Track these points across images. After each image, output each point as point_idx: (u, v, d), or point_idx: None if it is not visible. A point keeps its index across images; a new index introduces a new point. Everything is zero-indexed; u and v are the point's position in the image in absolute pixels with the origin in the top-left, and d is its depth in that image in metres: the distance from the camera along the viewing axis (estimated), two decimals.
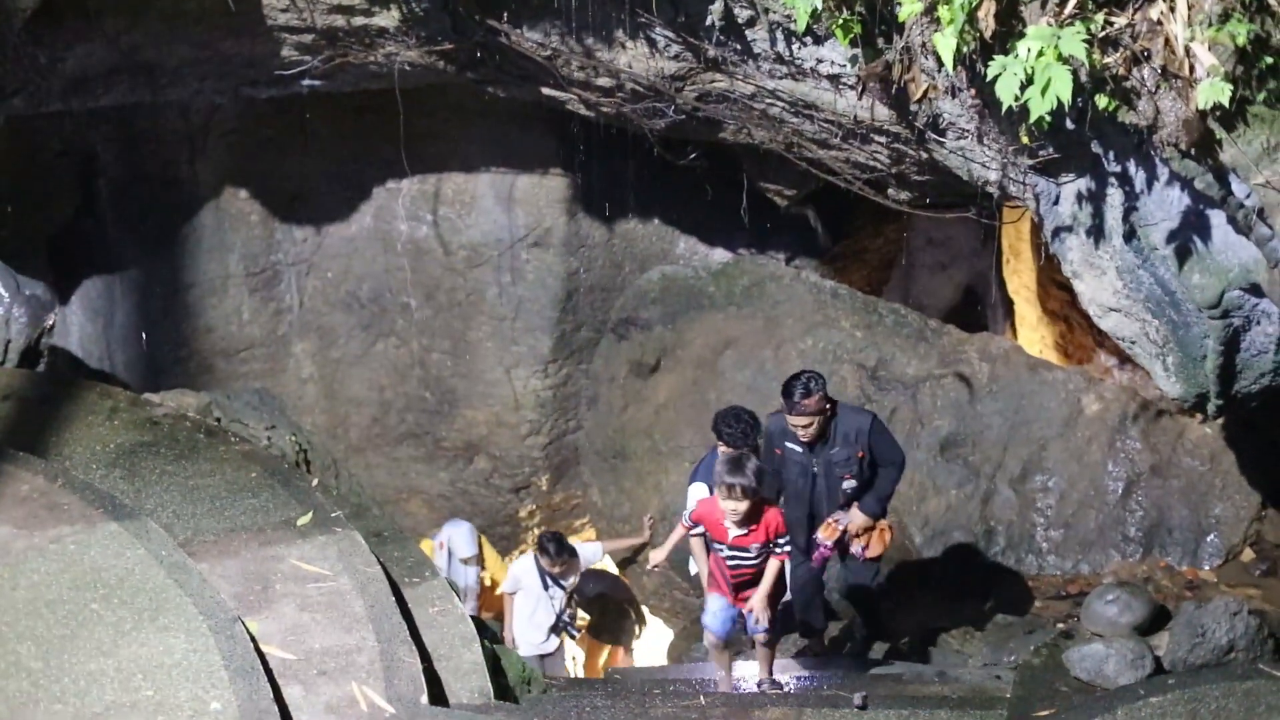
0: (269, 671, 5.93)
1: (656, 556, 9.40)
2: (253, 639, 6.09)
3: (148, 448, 7.98)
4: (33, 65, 9.06)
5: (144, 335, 13.25)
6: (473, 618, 7.74)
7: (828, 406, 9.04)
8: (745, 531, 8.25)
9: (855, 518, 9.35)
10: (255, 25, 9.21)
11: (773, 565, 8.41)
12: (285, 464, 8.41)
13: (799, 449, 9.22)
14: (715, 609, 8.67)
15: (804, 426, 8.99)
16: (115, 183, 12.70)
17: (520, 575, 11.72)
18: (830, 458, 9.18)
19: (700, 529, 8.53)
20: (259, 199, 13.49)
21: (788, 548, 8.51)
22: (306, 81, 10.07)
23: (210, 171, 13.16)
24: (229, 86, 10.46)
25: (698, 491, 9.60)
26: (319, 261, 14.01)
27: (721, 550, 8.46)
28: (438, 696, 6.47)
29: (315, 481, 8.39)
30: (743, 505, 8.06)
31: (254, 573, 6.87)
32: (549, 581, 11.59)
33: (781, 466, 9.35)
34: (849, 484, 9.22)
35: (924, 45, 7.09)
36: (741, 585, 8.56)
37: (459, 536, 12.47)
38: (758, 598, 8.43)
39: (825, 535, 9.36)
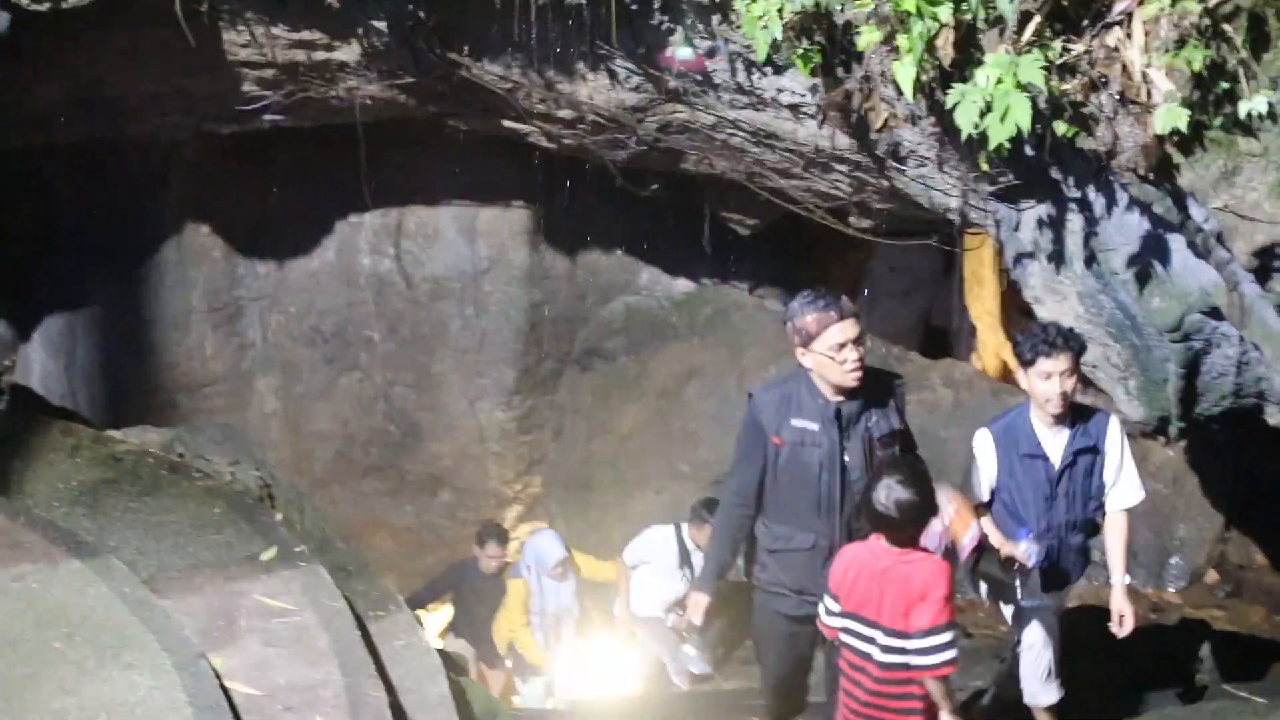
0: (234, 708, 5.89)
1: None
2: (217, 675, 6.06)
3: (110, 484, 7.94)
4: None
5: (106, 371, 13.18)
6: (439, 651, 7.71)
7: None
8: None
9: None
10: (216, 61, 9.19)
11: (933, 689, 5.97)
12: (249, 499, 8.37)
13: (815, 426, 6.29)
14: None
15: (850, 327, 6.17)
16: (76, 218, 12.64)
17: (656, 547, 10.25)
18: (870, 430, 6.37)
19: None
20: (221, 234, 13.46)
21: (951, 654, 5.94)
22: (268, 116, 10.06)
23: (172, 206, 13.12)
24: (190, 122, 10.45)
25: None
26: (282, 296, 13.98)
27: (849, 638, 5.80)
28: None
29: (279, 516, 8.35)
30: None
31: (218, 608, 6.83)
32: (686, 558, 10.08)
33: (783, 461, 6.37)
34: None
35: (883, 74, 7.12)
36: None
37: (543, 542, 11.15)
38: None
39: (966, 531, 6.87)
